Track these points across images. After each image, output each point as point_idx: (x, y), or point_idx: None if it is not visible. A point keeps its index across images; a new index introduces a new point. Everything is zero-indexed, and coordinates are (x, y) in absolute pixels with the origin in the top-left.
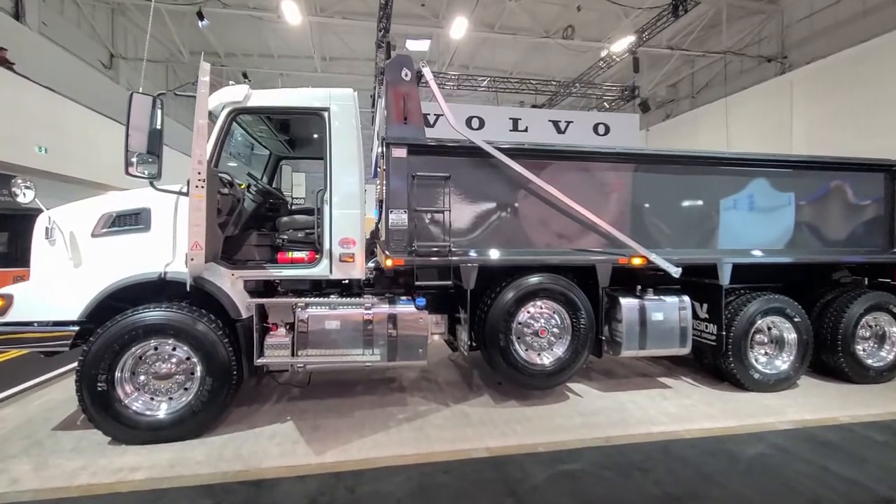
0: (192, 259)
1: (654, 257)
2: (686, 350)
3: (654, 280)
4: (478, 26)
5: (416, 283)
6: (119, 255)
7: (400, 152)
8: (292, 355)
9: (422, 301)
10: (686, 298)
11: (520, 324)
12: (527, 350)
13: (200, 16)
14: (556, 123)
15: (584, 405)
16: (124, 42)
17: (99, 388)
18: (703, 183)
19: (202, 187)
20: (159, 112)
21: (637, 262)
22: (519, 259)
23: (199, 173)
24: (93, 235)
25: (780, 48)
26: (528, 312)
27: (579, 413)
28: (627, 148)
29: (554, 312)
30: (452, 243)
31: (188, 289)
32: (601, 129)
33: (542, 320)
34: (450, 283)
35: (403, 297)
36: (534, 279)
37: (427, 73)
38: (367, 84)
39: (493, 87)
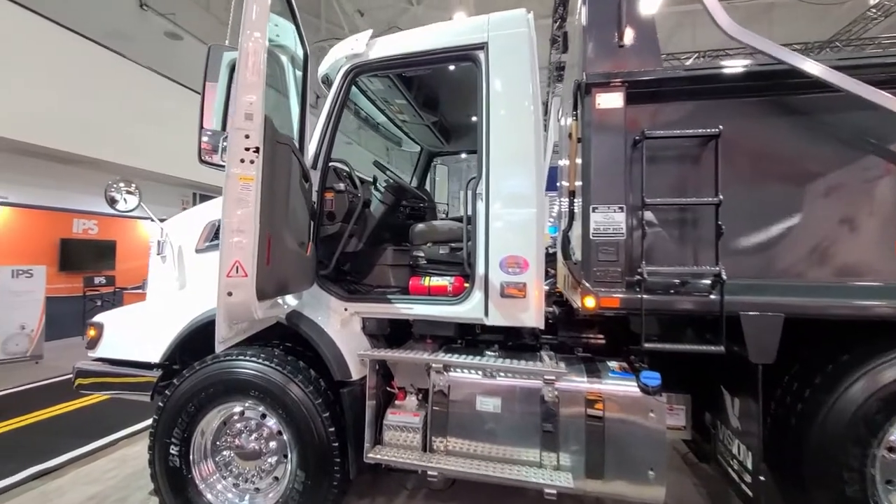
0: (229, 294)
1: None
2: None
3: None
4: (675, 2)
5: (646, 344)
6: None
7: (611, 99)
8: (423, 449)
9: (655, 377)
10: None
11: (890, 450)
12: None
13: None
14: None
15: None
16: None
17: (171, 464)
18: None
19: (254, 161)
20: None
21: None
22: None
23: (247, 137)
24: (196, 251)
25: None
26: None
27: None
28: None
29: None
30: (725, 268)
31: (217, 348)
32: None
33: None
34: (720, 348)
35: (613, 364)
36: None
37: None
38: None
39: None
